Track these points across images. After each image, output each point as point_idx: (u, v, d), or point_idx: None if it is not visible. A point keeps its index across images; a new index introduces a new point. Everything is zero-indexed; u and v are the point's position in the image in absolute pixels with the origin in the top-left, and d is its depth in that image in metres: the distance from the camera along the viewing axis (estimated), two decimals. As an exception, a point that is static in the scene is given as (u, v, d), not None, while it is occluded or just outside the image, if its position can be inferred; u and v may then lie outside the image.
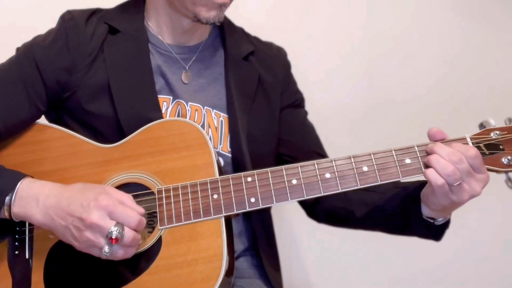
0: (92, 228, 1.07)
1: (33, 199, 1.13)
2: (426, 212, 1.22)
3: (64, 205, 1.10)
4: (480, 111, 1.30)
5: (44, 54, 1.28)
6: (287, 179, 1.17)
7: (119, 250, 1.09)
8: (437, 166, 1.11)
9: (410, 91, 1.97)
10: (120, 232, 1.06)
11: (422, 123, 1.43)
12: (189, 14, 1.29)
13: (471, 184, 1.12)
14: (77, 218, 1.08)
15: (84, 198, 1.09)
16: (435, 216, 1.22)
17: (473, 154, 1.11)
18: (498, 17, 2.02)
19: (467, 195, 1.13)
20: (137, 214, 1.09)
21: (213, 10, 1.26)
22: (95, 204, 1.08)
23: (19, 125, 1.25)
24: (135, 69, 1.31)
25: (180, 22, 1.34)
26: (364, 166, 1.16)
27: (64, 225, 1.10)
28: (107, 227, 1.06)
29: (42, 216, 1.12)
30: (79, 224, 1.08)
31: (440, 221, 1.23)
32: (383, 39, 1.97)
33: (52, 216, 1.11)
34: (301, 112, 1.51)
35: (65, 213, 1.10)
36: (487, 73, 1.98)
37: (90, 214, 1.07)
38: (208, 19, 1.27)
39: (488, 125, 1.19)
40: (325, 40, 1.96)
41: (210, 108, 1.36)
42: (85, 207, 1.08)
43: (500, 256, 1.99)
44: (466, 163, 1.11)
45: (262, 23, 1.60)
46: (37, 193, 1.13)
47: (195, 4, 1.26)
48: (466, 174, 1.11)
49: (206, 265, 1.13)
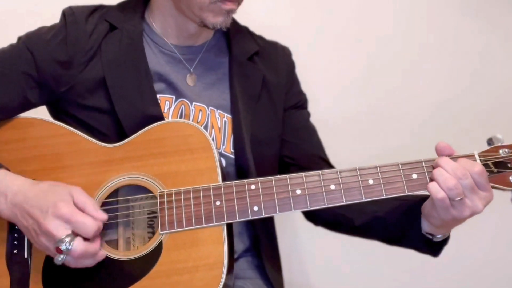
0: (46, 234, 1.08)
1: (1, 194, 1.14)
2: (426, 227, 1.21)
3: (27, 205, 1.11)
4: (485, 116, 1.28)
5: (43, 47, 1.28)
6: (291, 189, 1.15)
7: (71, 260, 1.10)
8: (440, 179, 1.10)
9: (415, 95, 1.95)
10: (67, 244, 1.07)
11: (426, 129, 1.42)
12: (195, 19, 1.28)
13: (474, 201, 1.11)
14: (35, 222, 1.10)
15: (45, 202, 1.10)
16: (434, 232, 1.21)
17: (479, 170, 1.10)
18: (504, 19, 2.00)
19: (469, 211, 1.11)
20: (94, 222, 1.10)
21: (220, 16, 1.26)
22: (53, 211, 1.08)
23: (4, 112, 1.25)
24: (131, 64, 1.29)
25: (186, 26, 1.33)
26: (369, 179, 1.14)
27: (25, 225, 1.12)
28: (58, 236, 1.07)
29: (8, 212, 1.14)
30: (36, 228, 1.10)
31: (439, 237, 1.22)
32: (389, 42, 1.95)
33: (17, 214, 1.13)
34: (304, 113, 1.49)
35: (26, 214, 1.11)
36: (497, 85, 1.95)
37: (45, 220, 1.08)
38: (214, 24, 1.26)
39: (496, 140, 1.17)
40: (329, 42, 1.94)
41: (215, 108, 1.35)
42: (43, 212, 1.09)
43: (498, 259, 2.00)
44: (470, 179, 1.10)
45: (266, 23, 1.57)
46: (6, 189, 1.14)
47: (202, 9, 1.25)
48: (470, 190, 1.10)
49: (207, 272, 1.13)
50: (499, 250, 2.00)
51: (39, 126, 1.26)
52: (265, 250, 1.39)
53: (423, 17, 1.97)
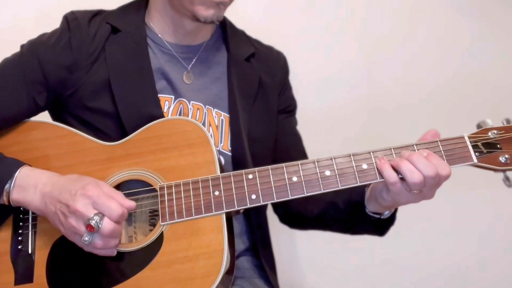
0: (75, 214, 1.10)
1: (31, 186, 1.17)
2: (372, 208, 1.26)
3: (56, 193, 1.14)
4: (477, 112, 1.32)
5: (47, 53, 1.31)
6: (287, 177, 1.18)
7: (98, 240, 1.11)
8: (407, 173, 1.12)
9: (408, 92, 1.98)
10: (98, 221, 1.09)
11: (421, 123, 1.44)
12: (188, 14, 1.32)
13: (431, 192, 1.16)
14: (64, 205, 1.12)
15: (73, 186, 1.13)
16: (381, 211, 1.26)
17: (447, 174, 1.13)
18: (497, 17, 2.04)
19: (421, 199, 1.17)
20: (120, 206, 1.12)
21: (211, 8, 1.28)
22: (82, 192, 1.11)
23: (15, 118, 1.29)
24: (135, 67, 1.33)
25: (182, 23, 1.37)
26: (363, 164, 1.17)
27: (53, 211, 1.14)
28: (87, 215, 1.09)
29: (39, 203, 1.16)
30: (65, 210, 1.12)
31: (386, 214, 1.26)
32: (381, 41, 1.99)
33: (46, 202, 1.15)
34: (292, 120, 1.53)
35: (55, 200, 1.14)
36: (485, 74, 1.99)
37: (75, 202, 1.10)
38: (206, 17, 1.29)
39: (485, 125, 1.20)
40: (323, 42, 1.98)
41: (211, 107, 1.38)
42: (72, 195, 1.12)
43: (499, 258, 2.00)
44: (437, 179, 1.13)
45: (259, 26, 1.62)
46: (36, 181, 1.17)
47: (193, 3, 1.28)
48: (432, 187, 1.14)
49: (207, 260, 1.14)
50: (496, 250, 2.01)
51: (41, 128, 1.30)
52: (262, 251, 1.41)
53: (418, 15, 2.03)
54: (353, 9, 1.99)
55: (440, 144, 1.17)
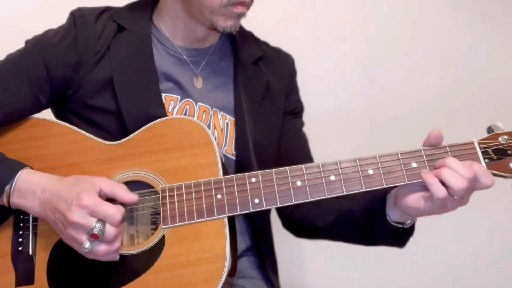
0: (74, 226, 1.10)
1: (30, 192, 1.16)
2: (396, 216, 1.22)
3: (54, 200, 1.14)
4: (487, 115, 1.29)
5: (52, 50, 1.29)
6: (291, 181, 1.16)
7: (102, 246, 1.11)
8: (451, 180, 1.07)
9: (414, 94, 1.95)
10: (101, 229, 1.09)
11: (427, 127, 1.41)
12: (206, 22, 1.30)
13: (467, 198, 1.13)
14: (61, 215, 1.12)
15: (69, 194, 1.12)
16: (404, 220, 1.22)
17: (483, 171, 1.09)
18: (501, 19, 2.00)
19: (458, 206, 1.13)
20: (118, 211, 1.11)
21: (231, 19, 1.27)
22: (77, 203, 1.10)
23: (18, 114, 1.28)
24: (139, 65, 1.31)
25: (195, 29, 1.35)
26: (369, 169, 1.15)
27: (53, 219, 1.14)
28: (88, 225, 1.09)
29: (38, 209, 1.16)
30: (63, 220, 1.12)
31: (408, 224, 1.23)
32: (384, 42, 1.95)
33: (45, 209, 1.15)
34: (298, 122, 1.50)
35: (53, 208, 1.13)
36: (492, 75, 1.95)
37: (71, 213, 1.10)
38: (225, 28, 1.28)
39: (496, 129, 1.17)
40: (326, 43, 1.95)
41: (218, 109, 1.36)
42: (68, 204, 1.11)
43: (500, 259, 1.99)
44: (475, 181, 1.09)
45: (268, 29, 1.58)
46: (35, 186, 1.16)
47: (214, 13, 1.27)
48: (471, 191, 1.11)
49: (209, 265, 1.13)
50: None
51: (43, 125, 1.28)
52: (264, 251, 1.39)
53: (418, 16, 1.99)
54: (360, 13, 1.96)
55: (449, 150, 1.14)
